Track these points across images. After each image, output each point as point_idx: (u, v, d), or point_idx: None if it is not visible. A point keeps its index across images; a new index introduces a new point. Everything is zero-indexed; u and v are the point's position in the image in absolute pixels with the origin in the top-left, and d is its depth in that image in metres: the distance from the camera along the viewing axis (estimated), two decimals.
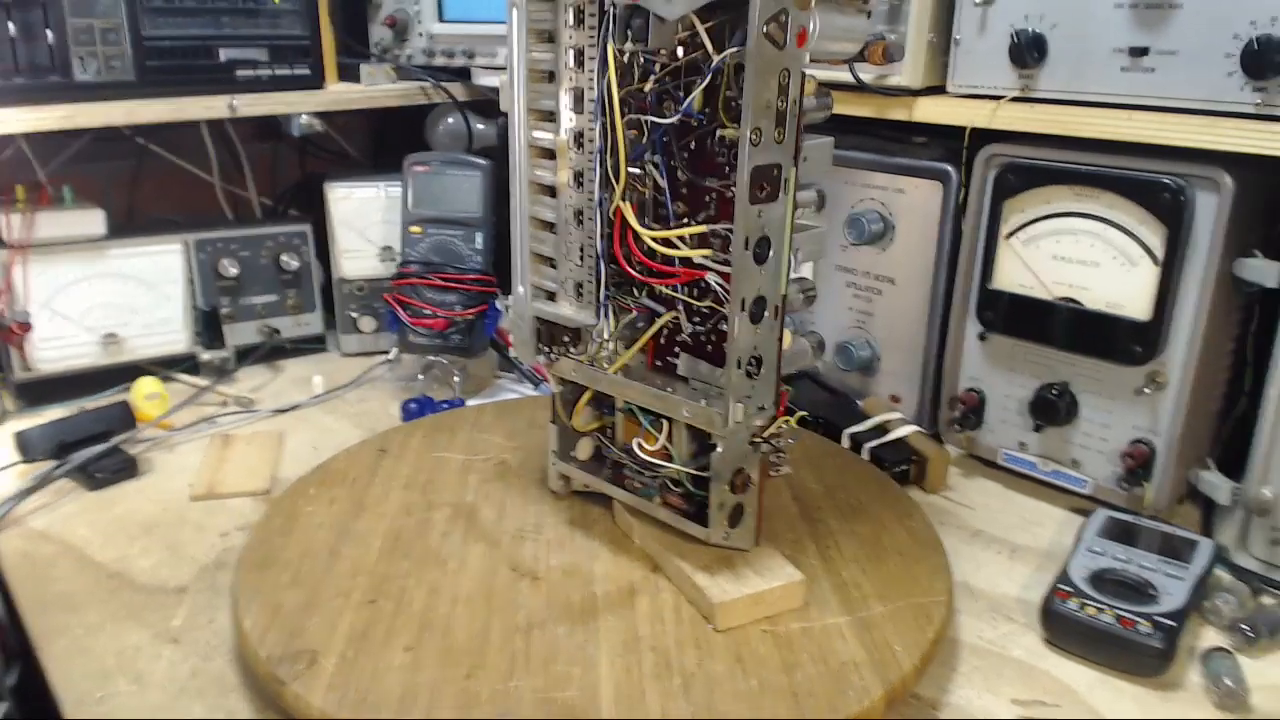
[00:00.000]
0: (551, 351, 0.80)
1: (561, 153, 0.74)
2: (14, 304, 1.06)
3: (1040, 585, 0.80)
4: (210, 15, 1.06)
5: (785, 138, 0.64)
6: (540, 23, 0.72)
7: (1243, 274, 0.82)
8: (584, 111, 0.72)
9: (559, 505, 0.85)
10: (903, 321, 1.06)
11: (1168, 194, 0.81)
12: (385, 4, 1.24)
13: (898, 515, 0.84)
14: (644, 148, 0.71)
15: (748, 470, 0.72)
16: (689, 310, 0.73)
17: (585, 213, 0.74)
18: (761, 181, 0.64)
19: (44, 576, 0.81)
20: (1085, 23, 0.84)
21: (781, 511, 0.84)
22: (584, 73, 0.71)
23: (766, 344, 0.69)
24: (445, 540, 0.79)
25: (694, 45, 0.66)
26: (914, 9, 0.93)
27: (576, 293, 0.76)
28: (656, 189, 0.72)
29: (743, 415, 0.68)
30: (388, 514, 0.83)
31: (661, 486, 0.76)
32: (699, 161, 0.70)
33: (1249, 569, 0.82)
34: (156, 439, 1.04)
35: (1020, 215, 0.91)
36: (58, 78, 0.99)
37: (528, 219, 0.78)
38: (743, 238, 0.64)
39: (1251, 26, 0.75)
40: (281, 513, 0.83)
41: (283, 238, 1.24)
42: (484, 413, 1.04)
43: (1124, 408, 0.89)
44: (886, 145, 1.04)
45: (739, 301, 0.65)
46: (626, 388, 0.75)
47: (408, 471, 0.91)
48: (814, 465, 0.92)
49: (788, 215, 0.66)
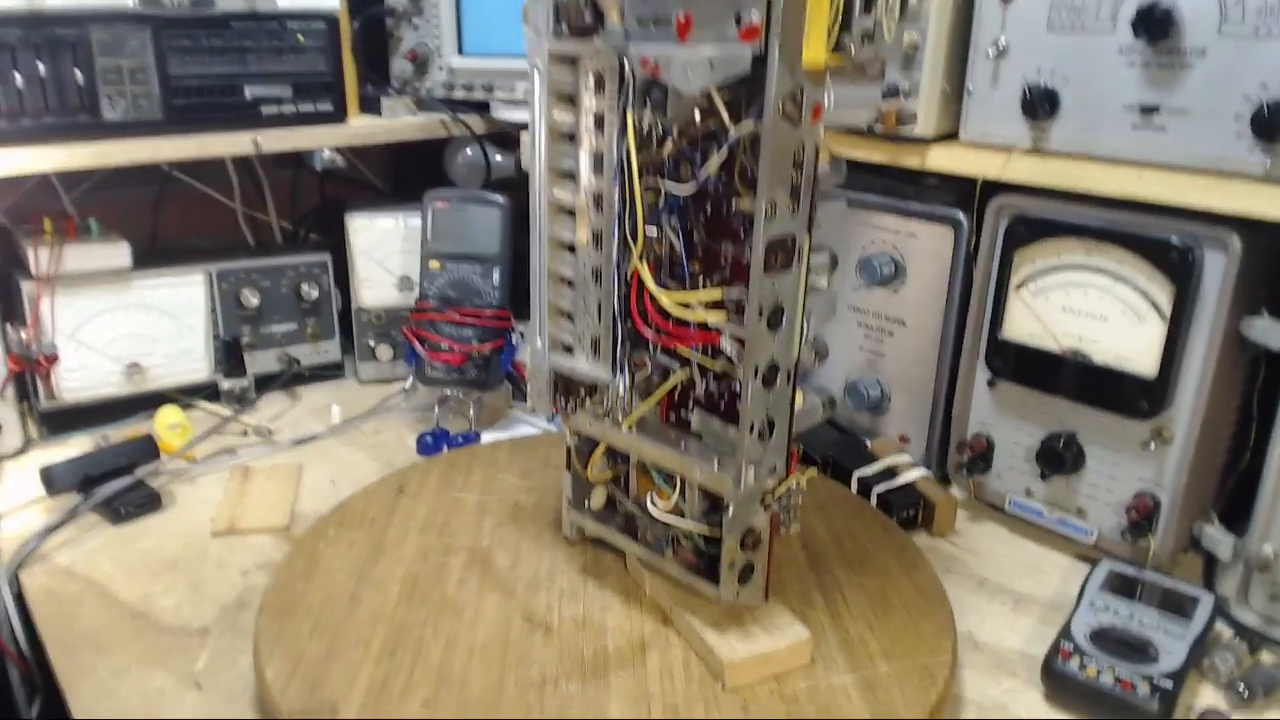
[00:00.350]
0: (568, 404, 0.81)
1: (581, 213, 0.75)
2: (41, 336, 1.08)
3: (1043, 639, 0.81)
4: (236, 53, 1.08)
5: (800, 209, 0.66)
6: (561, 85, 0.74)
7: (1250, 334, 0.83)
8: (603, 174, 0.74)
9: (572, 552, 0.87)
10: (913, 363, 1.07)
11: (1176, 253, 0.82)
12: (406, 38, 1.26)
13: (904, 566, 0.86)
14: (661, 210, 0.73)
15: (758, 529, 0.73)
16: (702, 369, 0.75)
17: (603, 272, 0.75)
18: (776, 252, 0.65)
19: (70, 614, 0.83)
20: (1097, 79, 0.85)
21: (791, 560, 0.85)
22: (603, 137, 0.73)
23: (779, 407, 0.70)
24: (461, 588, 0.81)
25: (711, 113, 0.68)
26: (928, 58, 0.94)
27: (593, 348, 0.78)
28: (673, 249, 0.74)
29: (755, 479, 0.70)
30: (405, 558, 0.85)
31: (673, 540, 0.78)
32: (715, 225, 0.72)
33: (1248, 624, 0.84)
34: (178, 471, 1.07)
35: (1030, 266, 0.92)
36: (87, 117, 1.01)
37: (547, 274, 0.79)
38: (757, 307, 0.66)
39: (1263, 89, 0.76)
40: (303, 555, 0.85)
41: (303, 267, 1.26)
42: (499, 450, 1.06)
43: (1130, 459, 0.90)
44: (898, 187, 1.05)
45: (752, 368, 0.67)
46: (641, 445, 0.77)
47: (425, 512, 0.92)
48: (823, 511, 0.94)
49: (801, 282, 0.68)
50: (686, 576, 0.77)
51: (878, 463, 1.04)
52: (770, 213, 0.64)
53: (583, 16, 0.69)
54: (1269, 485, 0.82)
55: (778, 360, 0.68)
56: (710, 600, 0.75)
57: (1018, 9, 0.88)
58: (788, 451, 0.73)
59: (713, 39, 0.63)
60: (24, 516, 0.97)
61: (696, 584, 0.76)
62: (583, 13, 0.69)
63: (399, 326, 1.27)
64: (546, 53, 0.73)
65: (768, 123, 0.62)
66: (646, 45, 0.68)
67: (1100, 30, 0.83)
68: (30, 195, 1.16)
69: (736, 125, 0.66)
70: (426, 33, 1.25)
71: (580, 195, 0.75)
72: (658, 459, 0.76)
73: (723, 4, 0.62)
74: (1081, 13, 0.84)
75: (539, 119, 0.75)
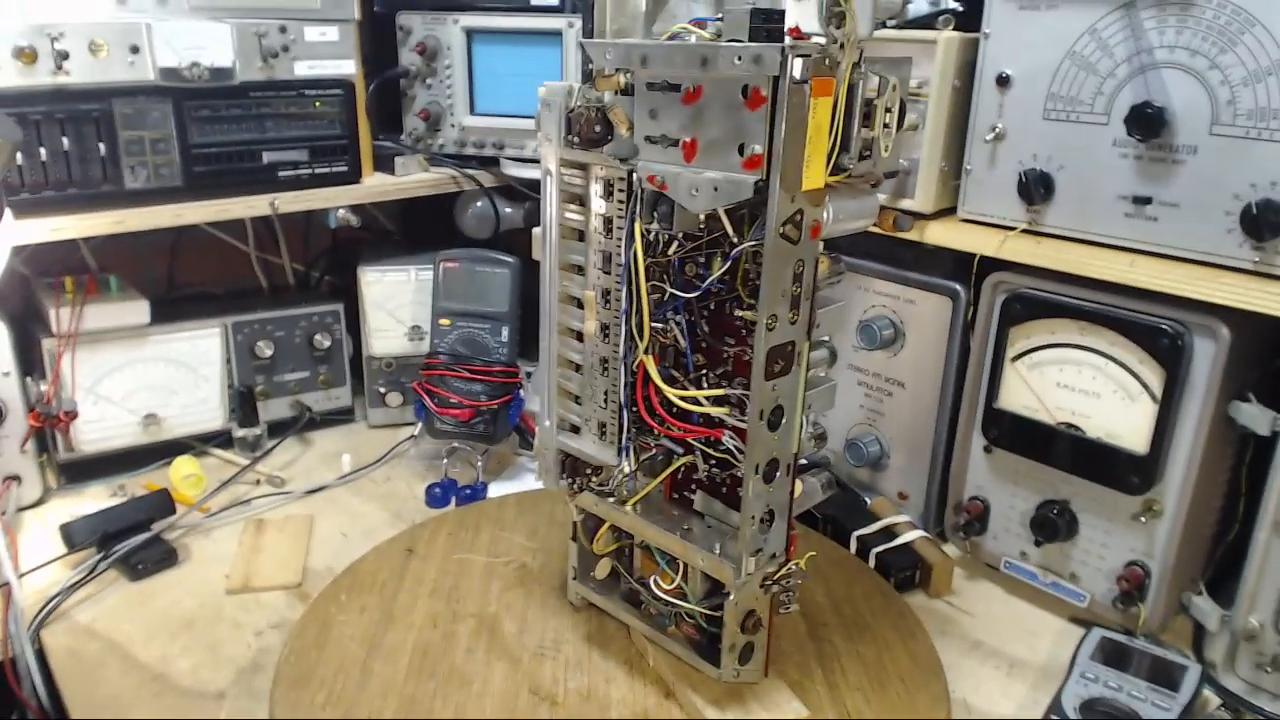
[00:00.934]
0: (574, 482, 0.84)
1: (589, 305, 0.78)
2: (61, 392, 1.11)
3: (1036, 705, 0.84)
4: (254, 121, 1.11)
5: (799, 318, 0.68)
6: (572, 186, 0.77)
7: (1237, 418, 0.85)
8: (611, 273, 0.76)
9: (577, 618, 0.89)
10: (912, 423, 1.10)
11: (1166, 339, 0.85)
12: (420, 97, 1.28)
13: (901, 635, 0.88)
14: (667, 306, 0.75)
15: (759, 612, 0.76)
16: (705, 454, 0.77)
17: (610, 362, 0.78)
18: (776, 359, 0.68)
19: (92, 678, 0.86)
20: (1091, 167, 0.87)
21: (791, 629, 0.88)
22: (612, 239, 0.75)
23: (779, 499, 0.73)
24: (469, 657, 0.84)
25: (717, 223, 0.71)
26: (926, 137, 0.96)
27: (600, 432, 0.81)
28: (678, 341, 0.76)
29: (755, 568, 0.72)
30: (415, 624, 0.88)
31: (676, 616, 0.81)
32: (718, 323, 0.74)
33: (1234, 691, 0.86)
34: (194, 524, 1.09)
35: (1026, 341, 0.95)
36: (110, 186, 1.04)
37: (556, 358, 0.82)
38: (758, 410, 0.68)
39: (1252, 190, 0.78)
40: (316, 622, 0.88)
41: (316, 317, 1.29)
42: (506, 507, 1.09)
43: (1121, 530, 0.93)
44: (898, 252, 1.08)
45: (753, 466, 0.69)
46: (645, 528, 0.80)
47: (434, 576, 0.95)
48: (822, 576, 0.96)
49: (800, 383, 0.71)
50: (688, 655, 0.79)
51: (876, 523, 1.06)
52: (771, 325, 0.67)
53: (593, 128, 0.72)
54: (1255, 560, 0.85)
55: (778, 456, 0.71)
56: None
57: (1015, 96, 0.91)
58: (787, 537, 0.75)
59: (718, 164, 0.66)
60: (44, 573, 0.99)
61: (698, 664, 0.79)
62: (593, 124, 0.72)
63: (409, 374, 1.30)
64: (557, 159, 0.75)
65: (768, 245, 0.65)
66: (654, 164, 0.70)
67: (1095, 122, 0.86)
68: (50, 244, 1.19)
69: (740, 238, 0.68)
70: (439, 92, 1.27)
71: (589, 289, 0.78)
72: (661, 543, 0.79)
73: (728, 133, 0.65)
74: (1076, 104, 0.87)
75: (551, 219, 0.78)
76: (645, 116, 0.71)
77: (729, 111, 0.66)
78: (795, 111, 0.63)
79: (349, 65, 1.19)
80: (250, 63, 1.11)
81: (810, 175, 0.63)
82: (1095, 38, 0.85)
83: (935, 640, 0.93)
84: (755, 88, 0.64)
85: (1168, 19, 0.80)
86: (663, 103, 0.70)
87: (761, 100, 0.63)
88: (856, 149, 0.67)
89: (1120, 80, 0.84)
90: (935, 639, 0.93)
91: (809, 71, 0.62)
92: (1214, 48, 0.78)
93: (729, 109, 0.66)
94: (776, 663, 0.81)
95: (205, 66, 1.07)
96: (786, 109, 0.62)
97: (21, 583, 0.96)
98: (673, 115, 0.69)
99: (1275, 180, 0.77)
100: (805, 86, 0.62)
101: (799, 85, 0.62)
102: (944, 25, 0.95)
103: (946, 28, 0.94)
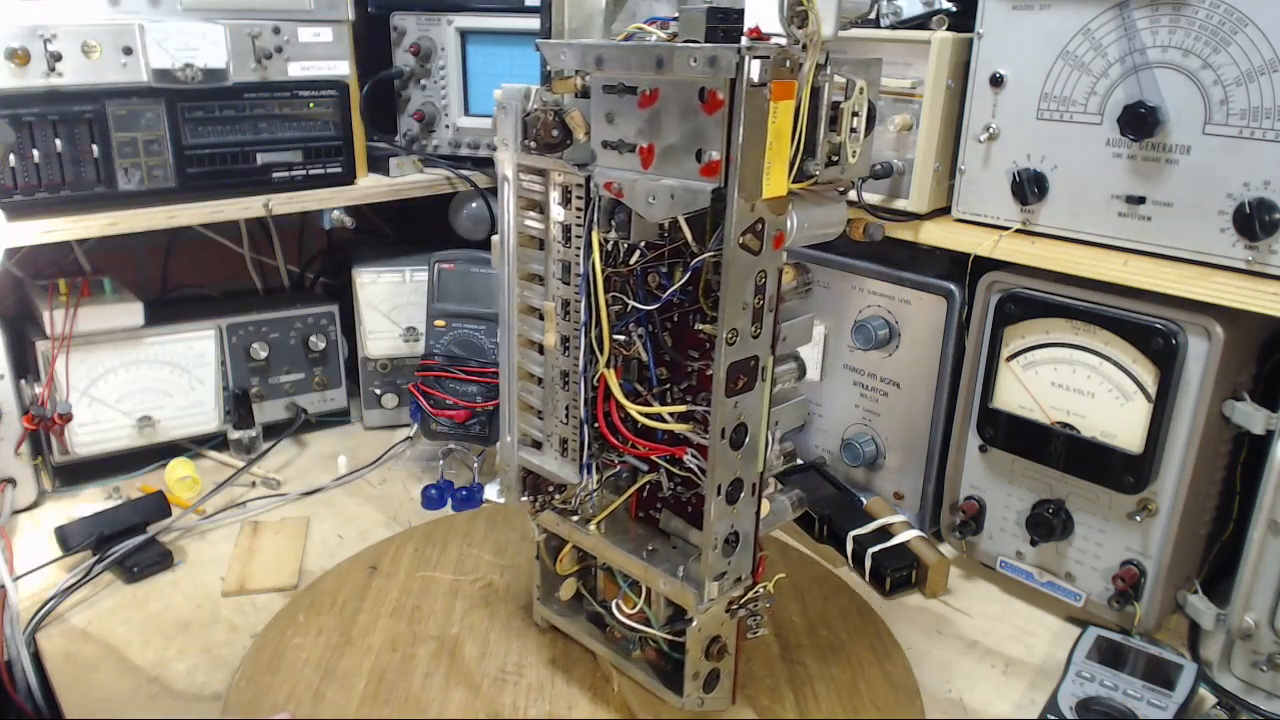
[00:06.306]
0: (536, 499, 0.81)
1: (550, 317, 0.75)
2: (55, 395, 1.10)
3: (1032, 705, 0.84)
4: (248, 122, 1.11)
5: (762, 331, 0.66)
6: (532, 193, 0.74)
7: (1231, 416, 0.85)
8: (571, 283, 0.74)
9: (542, 641, 0.87)
10: (907, 423, 1.10)
11: (1160, 339, 0.85)
12: (414, 99, 1.28)
13: (877, 656, 0.87)
14: (629, 317, 0.73)
15: (724, 638, 0.73)
16: (669, 472, 0.75)
17: (571, 376, 0.75)
18: (738, 375, 0.65)
19: (88, 681, 0.86)
20: (1085, 167, 0.87)
21: (763, 651, 0.86)
22: (571, 248, 0.73)
23: (744, 520, 0.70)
24: (427, 683, 0.81)
25: (680, 232, 0.68)
26: (921, 138, 0.96)
27: (561, 448, 0.78)
28: (641, 355, 0.74)
29: (718, 593, 0.70)
30: (374, 648, 0.85)
31: (641, 640, 0.78)
32: (682, 336, 0.72)
33: (1230, 689, 0.86)
34: (189, 526, 1.09)
35: (1020, 341, 0.95)
36: (103, 188, 1.03)
37: (516, 371, 0.79)
38: (719, 428, 0.66)
39: (1245, 189, 0.79)
40: (270, 645, 0.86)
41: (310, 319, 1.29)
42: (476, 522, 1.07)
43: (1117, 528, 0.93)
44: (893, 252, 1.08)
45: (715, 486, 0.67)
46: (606, 549, 0.77)
47: (396, 595, 0.93)
48: (799, 593, 0.95)
49: (765, 399, 0.68)
50: (651, 682, 0.77)
51: (872, 523, 1.06)
52: (732, 340, 0.64)
53: (551, 132, 0.69)
54: (1250, 559, 0.85)
55: (741, 476, 0.69)
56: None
57: (1008, 96, 0.91)
58: (754, 560, 0.73)
59: (676, 171, 0.63)
60: (40, 575, 0.99)
61: (662, 693, 0.76)
62: (551, 129, 0.69)
63: (404, 375, 1.30)
64: (514, 164, 0.73)
65: (727, 255, 0.62)
66: (611, 169, 0.67)
67: (1088, 122, 0.86)
68: (44, 246, 1.18)
69: (702, 247, 0.66)
70: (433, 93, 1.27)
71: (549, 300, 0.76)
72: (623, 565, 0.76)
73: (685, 138, 0.62)
74: (1070, 104, 0.87)
75: (508, 226, 0.75)
76: (602, 120, 0.68)
77: (686, 115, 0.63)
78: (754, 115, 0.60)
79: (343, 66, 1.18)
80: (244, 64, 1.11)
81: (772, 182, 0.61)
82: (1088, 37, 0.85)
83: (931, 640, 0.93)
84: (712, 90, 0.60)
85: (1160, 19, 0.80)
86: (620, 106, 0.66)
87: (719, 104, 0.60)
88: (823, 154, 0.64)
89: (1113, 80, 0.84)
90: (931, 638, 0.94)
91: (768, 74, 0.59)
92: (1207, 47, 0.78)
93: (686, 113, 0.63)
94: (747, 686, 0.79)
95: (198, 68, 1.07)
96: (744, 113, 0.59)
97: (17, 586, 0.96)
98: (630, 119, 0.66)
99: (1268, 179, 0.77)
100: (764, 89, 0.60)
101: (757, 88, 0.59)
102: (938, 25, 0.95)
103: (940, 28, 0.95)
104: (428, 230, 1.41)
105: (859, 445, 1.14)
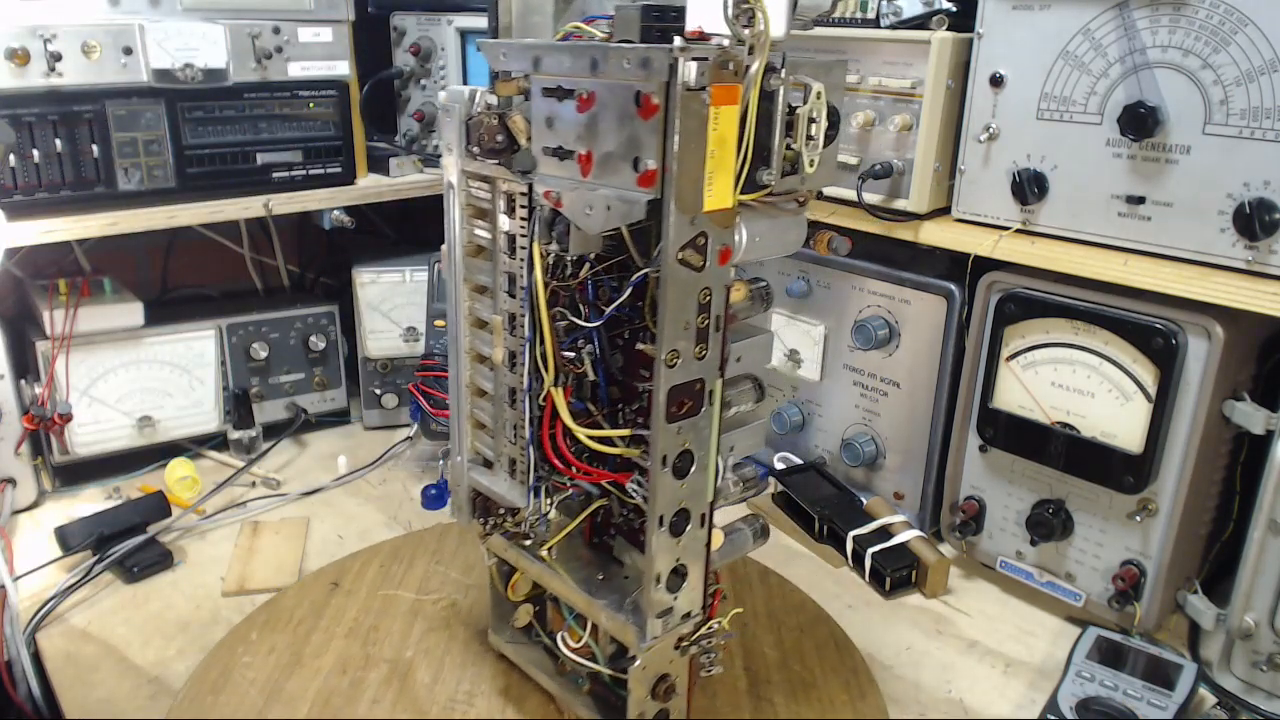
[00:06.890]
0: (487, 522, 0.78)
1: (497, 331, 0.72)
2: (55, 395, 1.10)
3: (1032, 705, 0.84)
4: (248, 122, 1.11)
5: (708, 353, 0.62)
6: (479, 200, 0.71)
7: (1231, 416, 0.85)
8: (516, 296, 0.70)
9: (497, 669, 0.84)
10: (907, 423, 1.10)
11: (1160, 339, 0.85)
12: (414, 98, 1.28)
13: (851, 697, 0.83)
14: (578, 334, 0.69)
15: (673, 677, 0.69)
16: (620, 499, 0.72)
17: (518, 394, 0.72)
18: (680, 399, 0.61)
19: (87, 681, 0.86)
20: (1084, 167, 0.87)
21: (729, 685, 0.82)
22: (516, 260, 0.69)
23: (692, 553, 0.66)
24: (373, 709, 0.78)
25: (622, 245, 0.65)
26: (921, 138, 0.96)
27: (510, 468, 0.75)
28: (590, 373, 0.70)
29: (662, 630, 0.66)
30: (323, 670, 0.83)
31: (590, 674, 0.75)
32: (630, 355, 0.68)
33: (1230, 689, 0.86)
34: (190, 526, 1.09)
35: (1020, 341, 0.95)
36: (103, 188, 1.04)
37: (467, 385, 0.76)
38: (660, 455, 0.61)
39: (1245, 189, 0.79)
40: (219, 663, 0.84)
41: (310, 319, 1.29)
42: (447, 537, 1.05)
43: (1117, 528, 0.93)
44: (893, 252, 1.08)
45: (657, 517, 0.62)
46: (550, 578, 0.73)
47: (355, 614, 0.91)
48: (774, 623, 0.92)
49: (713, 425, 0.64)
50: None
51: (872, 523, 1.06)
52: (672, 362, 0.60)
53: (495, 137, 0.65)
54: (1250, 559, 0.85)
55: (688, 506, 0.64)
56: None
57: (1008, 96, 0.91)
58: (707, 594, 0.69)
59: (614, 180, 0.59)
60: (40, 575, 0.99)
61: None
62: (495, 134, 0.65)
63: (404, 375, 1.30)
64: (459, 170, 0.70)
65: (665, 272, 0.58)
66: (550, 177, 0.64)
67: (1088, 122, 0.86)
68: (44, 246, 1.18)
69: (645, 262, 0.62)
70: (433, 93, 1.28)
71: (495, 314, 0.72)
72: (566, 596, 0.73)
73: (623, 145, 0.59)
74: (1070, 104, 0.87)
75: (455, 236, 0.72)
76: (542, 125, 0.64)
77: (623, 121, 0.58)
78: (691, 121, 0.56)
79: (343, 66, 1.19)
80: (244, 64, 1.11)
81: (715, 194, 0.57)
82: (1088, 37, 0.85)
83: (931, 640, 0.93)
84: (647, 94, 0.56)
85: (1160, 19, 0.80)
86: (559, 110, 0.62)
87: (654, 109, 0.56)
88: (779, 163, 0.60)
89: (1113, 80, 0.84)
90: (931, 638, 0.94)
91: (707, 77, 0.55)
92: (1207, 47, 0.78)
93: (623, 118, 0.58)
94: None
95: (198, 68, 1.07)
96: (680, 118, 0.55)
97: (17, 586, 0.96)
98: (569, 124, 0.62)
99: (1268, 179, 0.77)
100: (703, 93, 0.55)
101: (695, 92, 0.55)
102: (938, 25, 0.95)
103: (940, 28, 0.95)
104: (428, 230, 1.40)
105: (859, 445, 1.14)
